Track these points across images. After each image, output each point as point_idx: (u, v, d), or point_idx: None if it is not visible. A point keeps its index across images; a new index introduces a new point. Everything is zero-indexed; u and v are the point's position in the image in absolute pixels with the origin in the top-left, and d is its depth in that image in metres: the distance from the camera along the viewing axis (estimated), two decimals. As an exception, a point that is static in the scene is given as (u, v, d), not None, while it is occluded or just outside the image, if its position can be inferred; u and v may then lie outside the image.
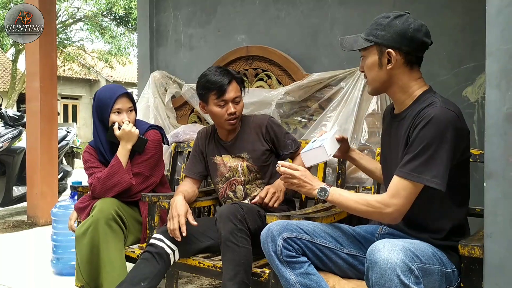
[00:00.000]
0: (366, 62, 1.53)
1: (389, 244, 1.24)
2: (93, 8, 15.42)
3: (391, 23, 1.45)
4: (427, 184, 1.34)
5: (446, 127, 1.35)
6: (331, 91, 2.54)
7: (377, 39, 1.47)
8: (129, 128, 2.20)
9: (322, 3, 2.72)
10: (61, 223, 2.80)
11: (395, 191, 1.38)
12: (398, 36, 1.44)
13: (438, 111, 1.37)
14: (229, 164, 2.16)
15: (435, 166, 1.33)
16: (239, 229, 1.78)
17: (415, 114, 1.43)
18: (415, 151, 1.36)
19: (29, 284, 2.67)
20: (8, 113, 4.71)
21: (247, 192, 2.14)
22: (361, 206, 1.45)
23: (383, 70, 1.48)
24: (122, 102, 2.25)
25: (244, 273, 1.74)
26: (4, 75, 16.60)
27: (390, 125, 1.60)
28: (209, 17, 3.25)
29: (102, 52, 17.41)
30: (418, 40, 1.45)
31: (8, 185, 4.46)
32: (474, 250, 1.24)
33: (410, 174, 1.35)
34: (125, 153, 2.22)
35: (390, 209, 1.38)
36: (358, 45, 1.52)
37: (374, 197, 1.47)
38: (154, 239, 1.93)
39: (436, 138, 1.34)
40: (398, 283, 1.19)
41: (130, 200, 2.25)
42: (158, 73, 3.28)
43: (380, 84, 1.52)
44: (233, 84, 2.07)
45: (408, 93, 1.50)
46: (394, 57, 1.45)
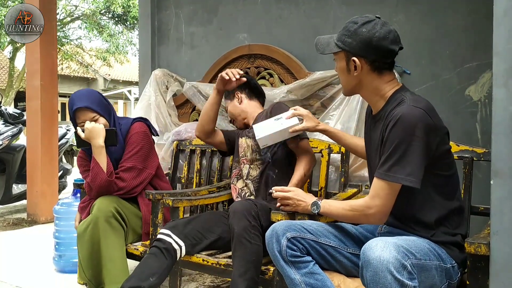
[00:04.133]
0: (336, 66, 1.58)
1: (382, 242, 1.26)
2: (91, 6, 15.39)
3: (357, 31, 1.47)
4: (403, 183, 1.37)
5: (414, 124, 1.36)
6: (334, 89, 2.55)
7: (345, 45, 1.50)
8: (91, 125, 2.17)
9: (324, 3, 2.73)
10: (63, 220, 2.80)
11: (375, 192, 1.42)
12: (363, 44, 1.46)
13: (405, 110, 1.38)
14: (243, 144, 2.27)
15: (408, 164, 1.35)
16: (253, 226, 1.79)
17: (387, 115, 1.46)
18: (388, 152, 1.39)
19: (32, 281, 2.67)
20: (8, 111, 4.70)
21: (249, 171, 2.20)
22: (347, 212, 1.50)
23: (351, 76, 1.52)
24: (82, 115, 2.20)
25: (254, 270, 1.76)
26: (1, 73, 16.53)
27: (369, 126, 1.63)
28: (211, 16, 3.25)
29: (100, 50, 17.38)
30: (384, 48, 1.45)
31: (7, 183, 4.45)
32: (480, 247, 1.24)
33: (386, 175, 1.39)
34: (99, 151, 2.17)
35: (373, 210, 1.42)
36: (329, 50, 1.55)
37: (357, 201, 1.50)
38: (162, 234, 1.94)
39: (405, 136, 1.36)
40: (392, 280, 1.20)
41: (130, 195, 2.24)
42: (160, 71, 3.28)
43: (351, 87, 1.57)
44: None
45: (379, 95, 1.53)
46: (359, 65, 1.48)
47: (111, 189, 2.18)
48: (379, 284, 1.21)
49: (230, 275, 1.84)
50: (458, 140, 1.87)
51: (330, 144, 2.27)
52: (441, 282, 1.38)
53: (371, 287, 1.23)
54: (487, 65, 2.11)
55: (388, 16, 2.43)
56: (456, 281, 1.43)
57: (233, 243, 1.80)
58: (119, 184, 2.19)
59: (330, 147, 2.28)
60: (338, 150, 2.26)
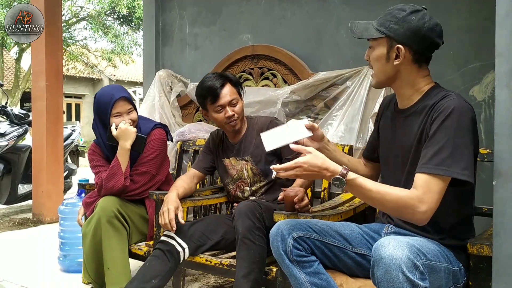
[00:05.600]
0: (373, 53, 1.48)
1: (394, 241, 1.23)
2: (97, 7, 15.45)
3: (406, 18, 1.40)
4: (458, 177, 1.29)
5: (468, 118, 1.32)
6: (337, 90, 2.55)
7: (390, 32, 1.41)
8: (125, 126, 2.20)
9: (327, 3, 2.73)
10: (68, 220, 2.81)
11: (426, 188, 1.30)
12: (411, 33, 1.39)
13: (457, 102, 1.33)
14: (236, 166, 2.20)
15: (463, 158, 1.29)
16: (257, 227, 1.79)
17: (430, 107, 1.40)
18: (439, 144, 1.31)
19: (36, 281, 2.69)
20: (14, 111, 4.72)
21: (253, 192, 2.17)
22: (388, 201, 1.33)
23: (390, 64, 1.44)
24: (120, 105, 2.23)
25: (258, 271, 1.76)
26: (7, 74, 16.64)
27: (393, 120, 1.56)
28: (214, 17, 3.26)
29: (105, 51, 17.45)
30: (431, 39, 1.41)
31: (13, 183, 4.47)
32: (483, 248, 1.24)
33: (439, 169, 1.30)
34: (124, 152, 2.20)
35: (425, 207, 1.29)
36: (369, 35, 1.46)
37: (403, 192, 1.33)
38: (165, 237, 1.94)
39: (459, 129, 1.31)
40: (403, 279, 1.18)
41: (137, 198, 2.26)
42: (164, 72, 3.29)
43: (385, 77, 1.48)
44: (226, 87, 2.08)
45: (415, 89, 1.47)
46: (403, 54, 1.41)
47: (122, 192, 2.20)
48: (390, 283, 1.19)
49: (233, 276, 1.84)
50: (461, 141, 1.86)
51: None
52: (447, 285, 1.37)
53: (382, 285, 1.21)
54: (491, 65, 2.11)
55: (392, 16, 2.43)
56: (462, 284, 1.42)
57: (237, 244, 1.80)
58: (130, 186, 2.21)
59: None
60: (341, 150, 2.26)
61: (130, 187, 2.21)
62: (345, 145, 2.22)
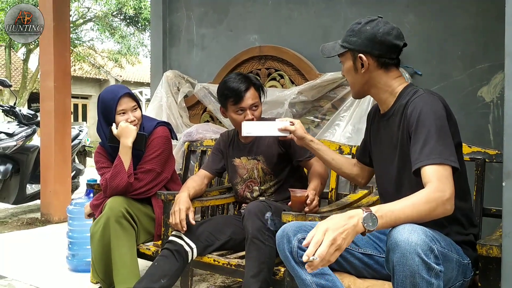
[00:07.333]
0: (343, 67, 1.61)
1: (409, 226, 1.24)
2: (103, 8, 15.55)
3: (361, 29, 1.52)
4: (452, 165, 1.33)
5: (440, 107, 1.40)
6: (344, 90, 2.55)
7: (350, 44, 1.54)
8: (126, 125, 2.21)
9: (334, 3, 2.73)
10: (77, 220, 2.83)
11: (436, 178, 1.30)
12: (368, 40, 1.50)
13: (426, 97, 1.43)
14: (247, 166, 2.20)
15: (447, 146, 1.35)
16: (267, 228, 1.80)
17: (404, 106, 1.47)
18: (424, 137, 1.36)
19: (45, 280, 2.71)
20: (22, 112, 4.76)
21: (263, 192, 2.17)
22: (420, 207, 1.26)
23: (359, 74, 1.55)
24: (125, 102, 2.25)
25: (267, 271, 1.77)
26: (15, 75, 16.76)
27: (379, 125, 1.63)
28: (221, 17, 3.27)
29: (112, 52, 17.55)
30: (389, 42, 1.50)
31: (22, 183, 4.51)
32: (492, 249, 1.24)
33: (435, 158, 1.32)
34: (126, 150, 2.21)
35: (448, 194, 1.28)
36: (335, 52, 1.59)
37: (423, 191, 1.29)
38: (173, 236, 1.96)
39: (435, 119, 1.37)
40: (420, 262, 1.19)
41: (143, 196, 2.27)
42: (171, 72, 3.30)
43: (359, 87, 1.59)
44: (250, 91, 2.09)
45: (389, 92, 1.55)
46: (366, 62, 1.51)
47: (127, 190, 2.21)
48: (406, 266, 1.20)
49: (241, 276, 1.85)
50: (470, 142, 1.86)
51: (340, 145, 2.27)
52: (456, 279, 1.38)
53: (398, 269, 1.21)
54: (499, 66, 2.10)
55: (398, 16, 2.43)
56: (469, 280, 1.43)
57: (247, 244, 1.81)
58: (135, 185, 2.22)
59: (341, 148, 2.28)
60: (349, 151, 2.26)
61: (135, 185, 2.22)
62: (352, 146, 2.22)
